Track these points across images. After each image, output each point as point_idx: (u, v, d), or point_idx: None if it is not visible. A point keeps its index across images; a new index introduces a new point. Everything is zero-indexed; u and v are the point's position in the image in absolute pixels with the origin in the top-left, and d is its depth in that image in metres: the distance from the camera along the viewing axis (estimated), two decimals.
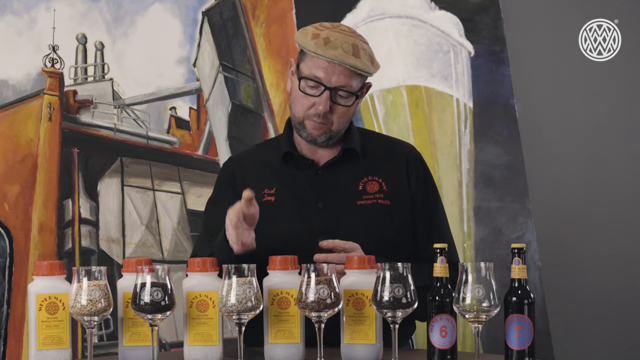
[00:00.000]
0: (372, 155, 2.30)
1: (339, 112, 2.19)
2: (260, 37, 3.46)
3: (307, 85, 2.18)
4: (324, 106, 2.16)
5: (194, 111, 3.36)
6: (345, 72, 2.16)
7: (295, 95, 2.23)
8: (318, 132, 2.21)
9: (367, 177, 2.25)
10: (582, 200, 3.68)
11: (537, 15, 3.72)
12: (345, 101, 2.19)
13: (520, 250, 1.80)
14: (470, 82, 3.58)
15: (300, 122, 2.22)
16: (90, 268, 1.80)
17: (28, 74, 3.15)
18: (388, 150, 2.34)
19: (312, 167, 2.27)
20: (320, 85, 2.16)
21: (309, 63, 2.18)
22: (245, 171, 2.31)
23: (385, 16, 3.56)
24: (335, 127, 2.21)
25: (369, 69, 2.18)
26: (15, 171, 3.07)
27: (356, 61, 2.14)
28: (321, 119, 2.18)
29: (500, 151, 3.54)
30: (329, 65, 2.15)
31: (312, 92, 2.18)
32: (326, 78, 2.15)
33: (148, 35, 3.31)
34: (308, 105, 2.19)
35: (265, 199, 2.23)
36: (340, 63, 2.14)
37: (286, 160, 2.28)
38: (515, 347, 1.80)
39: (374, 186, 2.24)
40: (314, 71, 2.16)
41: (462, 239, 3.45)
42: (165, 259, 3.20)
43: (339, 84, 2.16)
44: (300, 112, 2.21)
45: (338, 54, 2.13)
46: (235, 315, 1.77)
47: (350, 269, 1.90)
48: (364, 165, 2.27)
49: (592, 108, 3.72)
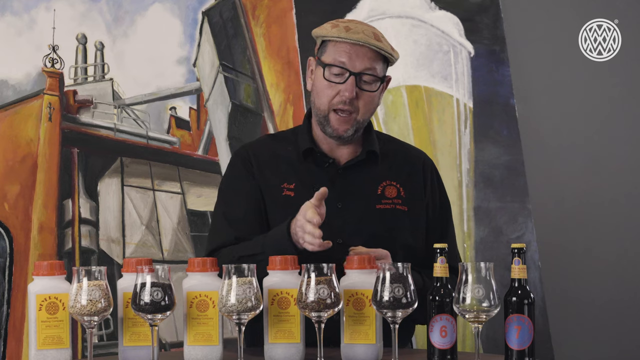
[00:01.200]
0: (390, 160, 2.29)
1: (365, 98, 2.17)
2: (260, 37, 3.46)
3: (331, 73, 2.16)
4: (350, 92, 2.14)
5: (194, 111, 3.36)
6: (369, 54, 2.15)
7: (319, 88, 2.20)
8: (344, 128, 2.18)
9: (386, 182, 2.24)
10: (582, 200, 3.68)
11: (537, 15, 3.72)
12: (370, 87, 2.17)
13: (520, 250, 1.80)
14: (470, 82, 3.58)
15: (325, 116, 2.19)
16: (90, 268, 1.80)
17: (28, 74, 3.15)
18: (405, 155, 2.33)
19: (332, 166, 2.24)
20: (345, 70, 2.15)
21: (331, 51, 2.17)
22: (261, 161, 2.27)
23: (385, 16, 3.56)
24: (361, 116, 2.19)
25: (392, 52, 2.18)
26: (15, 171, 3.07)
27: (378, 43, 2.15)
28: (347, 106, 2.16)
29: (500, 151, 3.54)
30: (352, 49, 2.14)
31: (336, 79, 2.16)
32: (350, 63, 2.15)
33: (148, 35, 3.31)
34: (333, 94, 2.17)
35: (285, 193, 2.20)
36: (364, 44, 2.13)
37: (305, 156, 2.25)
38: (515, 347, 1.80)
39: (392, 191, 2.24)
40: (337, 57, 2.16)
41: (462, 239, 3.45)
42: (165, 259, 3.20)
43: (363, 67, 2.15)
44: (325, 104, 2.18)
45: (361, 37, 2.14)
46: (235, 315, 1.77)
47: (350, 269, 1.90)
48: (383, 169, 2.26)
49: (592, 108, 3.72)
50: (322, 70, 2.17)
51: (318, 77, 2.20)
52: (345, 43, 2.15)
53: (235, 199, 2.23)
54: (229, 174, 2.32)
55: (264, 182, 2.23)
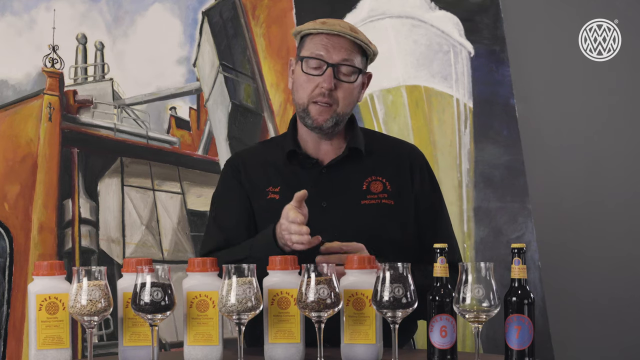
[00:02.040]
0: (376, 155, 2.30)
1: (343, 90, 2.20)
2: (260, 37, 3.46)
3: (309, 66, 2.19)
4: (329, 82, 2.17)
5: (194, 111, 3.36)
6: (346, 45, 2.18)
7: (298, 83, 2.23)
8: (323, 117, 2.20)
9: (372, 177, 2.25)
10: (582, 200, 3.68)
11: (537, 15, 3.72)
12: (348, 78, 2.20)
13: (520, 250, 1.80)
14: (470, 82, 3.58)
15: (304, 109, 2.21)
16: (90, 268, 1.80)
17: (28, 74, 3.15)
18: (392, 150, 2.34)
19: (316, 166, 2.26)
20: (323, 63, 2.17)
21: (309, 45, 2.21)
22: (250, 168, 2.31)
23: (385, 16, 3.56)
24: (341, 108, 2.21)
25: (368, 43, 2.21)
26: (15, 171, 3.07)
27: (355, 34, 2.19)
28: (326, 97, 2.18)
29: (500, 151, 3.54)
30: (328, 41, 2.18)
31: (315, 72, 2.19)
32: (327, 55, 2.17)
33: (148, 35, 3.31)
34: (312, 87, 2.19)
35: (270, 196, 2.23)
36: (340, 33, 2.17)
37: (290, 158, 2.27)
38: (515, 347, 1.80)
39: (378, 186, 2.24)
40: (314, 50, 2.19)
41: (462, 239, 3.45)
42: (165, 259, 3.20)
43: (340, 58, 2.18)
44: (304, 97, 2.21)
45: (337, 28, 2.18)
46: (235, 315, 1.77)
47: (350, 269, 1.90)
48: (368, 165, 2.27)
49: (592, 108, 3.72)
50: (301, 64, 2.21)
51: (297, 72, 2.23)
52: (322, 35, 2.19)
53: (226, 207, 2.29)
54: (220, 184, 2.38)
55: (251, 188, 2.27)
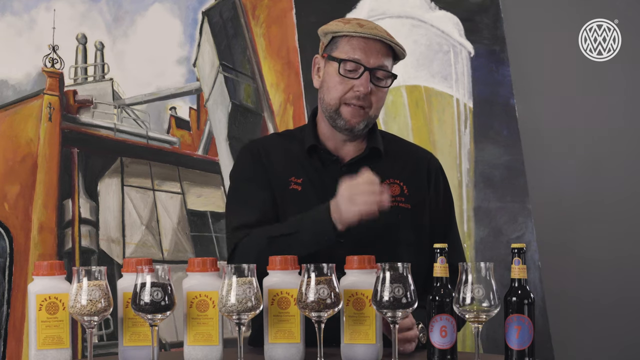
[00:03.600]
0: (394, 158, 2.29)
1: (377, 94, 2.19)
2: (260, 37, 3.46)
3: (346, 68, 2.17)
4: (366, 87, 2.15)
5: (194, 111, 3.36)
6: (382, 51, 2.17)
7: (331, 83, 2.20)
8: (356, 120, 2.19)
9: (390, 180, 2.24)
10: (582, 200, 3.68)
11: (537, 15, 3.72)
12: (383, 82, 2.19)
13: (520, 250, 1.80)
14: (470, 82, 3.58)
15: (336, 110, 2.20)
16: (90, 268, 1.80)
17: (28, 74, 3.15)
18: (410, 155, 2.34)
19: (336, 163, 2.25)
20: (359, 66, 2.16)
21: (345, 47, 2.18)
22: (271, 155, 2.28)
23: (385, 16, 3.56)
24: (373, 112, 2.21)
25: (402, 48, 2.20)
26: (15, 171, 3.07)
27: (392, 38, 2.18)
28: (361, 101, 2.17)
29: (500, 151, 3.54)
30: (366, 45, 2.16)
31: (350, 75, 2.17)
32: (365, 59, 2.16)
33: (148, 35, 3.31)
34: (346, 89, 2.18)
35: (292, 187, 2.21)
36: (380, 38, 2.15)
37: (310, 153, 2.26)
38: (515, 347, 1.80)
39: (396, 189, 2.24)
40: (351, 53, 2.17)
41: (462, 239, 3.45)
42: (165, 259, 3.20)
43: (377, 64, 2.17)
44: (336, 98, 2.19)
45: (375, 32, 2.16)
46: (235, 315, 1.77)
47: (350, 269, 1.90)
48: (386, 167, 2.26)
49: (592, 108, 3.72)
50: (337, 66, 2.18)
51: (330, 73, 2.21)
52: (359, 38, 2.17)
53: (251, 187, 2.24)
54: (240, 166, 2.33)
55: (273, 174, 2.24)
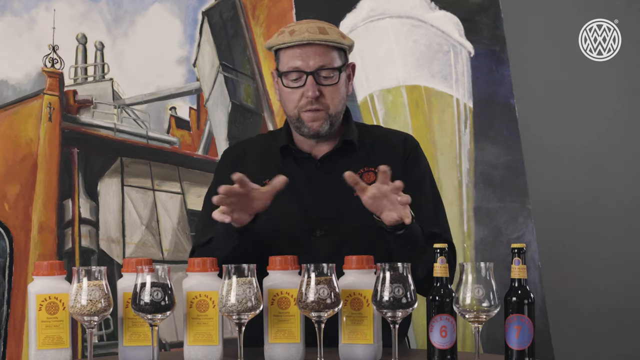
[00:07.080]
0: (369, 147, 2.30)
1: (329, 93, 2.21)
2: (260, 37, 3.46)
3: (289, 79, 2.21)
4: (313, 91, 2.17)
5: (194, 111, 3.36)
6: (319, 51, 2.18)
7: (284, 97, 2.24)
8: (318, 123, 2.21)
9: (364, 168, 2.25)
10: (582, 200, 3.68)
11: (537, 15, 3.72)
12: (331, 80, 2.20)
13: (520, 250, 1.80)
14: (470, 82, 3.58)
15: (297, 119, 2.23)
16: (90, 268, 1.80)
17: (28, 74, 3.15)
18: (385, 140, 2.35)
19: (309, 161, 2.27)
20: (301, 73, 2.18)
21: (284, 59, 2.22)
22: (248, 158, 2.32)
23: (385, 16, 3.56)
24: (332, 110, 2.22)
25: (341, 41, 2.21)
26: (15, 171, 3.07)
27: (325, 36, 2.18)
28: (314, 105, 2.19)
29: (500, 151, 3.54)
30: (301, 51, 2.18)
31: (296, 84, 2.20)
32: (304, 64, 2.18)
33: (148, 35, 3.31)
34: (297, 98, 2.21)
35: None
36: (310, 41, 2.17)
37: (284, 154, 2.29)
38: (515, 347, 1.80)
39: (371, 177, 2.24)
40: (290, 63, 2.19)
41: (462, 239, 3.45)
42: (165, 259, 3.20)
43: (317, 65, 2.18)
44: (293, 108, 2.22)
45: (306, 36, 2.17)
46: (235, 315, 1.77)
47: (348, 269, 1.90)
48: (360, 157, 2.27)
49: (592, 108, 3.72)
50: (281, 80, 2.22)
51: (281, 87, 2.24)
52: (293, 47, 2.19)
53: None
54: (215, 175, 2.39)
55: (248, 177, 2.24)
